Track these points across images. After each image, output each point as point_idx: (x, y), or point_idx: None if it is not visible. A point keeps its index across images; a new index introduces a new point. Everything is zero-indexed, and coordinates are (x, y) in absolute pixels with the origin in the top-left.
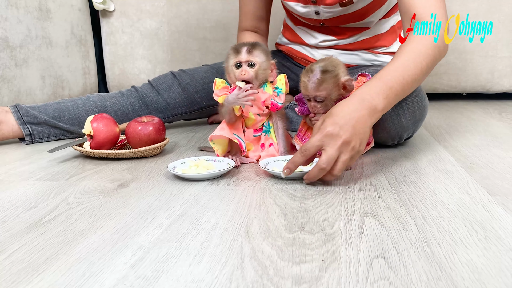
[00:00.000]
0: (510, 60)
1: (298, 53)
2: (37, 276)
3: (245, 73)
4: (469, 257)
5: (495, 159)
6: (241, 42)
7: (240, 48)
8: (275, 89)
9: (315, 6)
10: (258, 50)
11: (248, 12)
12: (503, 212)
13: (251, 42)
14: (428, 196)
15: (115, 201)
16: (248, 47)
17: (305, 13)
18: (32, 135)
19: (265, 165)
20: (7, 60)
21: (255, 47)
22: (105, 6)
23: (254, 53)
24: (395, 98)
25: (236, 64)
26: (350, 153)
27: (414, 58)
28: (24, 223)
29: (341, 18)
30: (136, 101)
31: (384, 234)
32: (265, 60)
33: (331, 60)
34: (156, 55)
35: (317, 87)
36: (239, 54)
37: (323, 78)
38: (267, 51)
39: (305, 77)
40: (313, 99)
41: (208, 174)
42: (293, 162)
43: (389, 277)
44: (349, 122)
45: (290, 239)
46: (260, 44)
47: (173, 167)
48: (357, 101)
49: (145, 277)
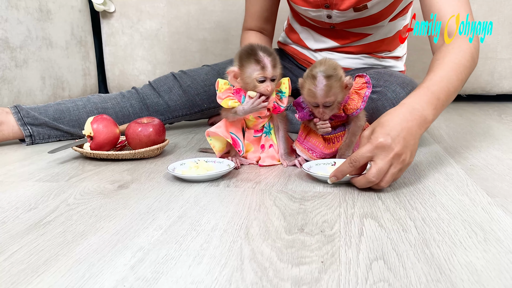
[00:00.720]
0: (509, 62)
1: (301, 54)
2: (37, 278)
3: (270, 89)
4: (468, 259)
5: (494, 161)
6: (257, 48)
7: (265, 62)
8: (278, 92)
9: (328, 10)
10: (279, 63)
11: (255, 13)
12: (503, 214)
13: (269, 51)
14: (428, 197)
15: (115, 202)
16: (272, 60)
17: (316, 16)
18: (32, 136)
19: (308, 168)
20: (7, 61)
21: (277, 60)
22: (105, 7)
23: (277, 67)
24: (441, 108)
25: (260, 78)
26: (400, 166)
27: (456, 70)
28: (24, 224)
29: (353, 22)
30: (137, 103)
31: (384, 236)
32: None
33: (329, 63)
34: (156, 56)
35: (326, 94)
36: (265, 69)
37: (329, 84)
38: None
39: (311, 85)
40: (321, 105)
41: (207, 176)
42: (340, 172)
43: (388, 279)
44: (401, 134)
45: (289, 240)
46: (276, 54)
47: (173, 168)
48: (407, 111)
49: (145, 278)
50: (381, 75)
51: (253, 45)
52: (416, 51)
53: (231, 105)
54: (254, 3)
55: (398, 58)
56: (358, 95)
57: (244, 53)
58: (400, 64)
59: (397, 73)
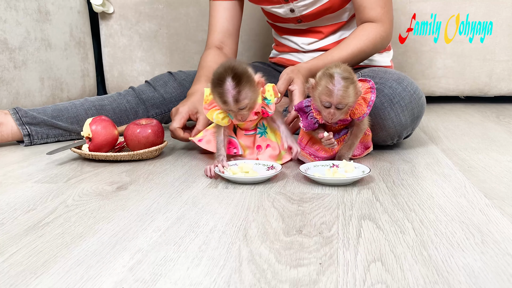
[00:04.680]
0: (508, 63)
1: (288, 61)
2: (35, 279)
3: (241, 118)
4: (466, 261)
5: (492, 162)
6: (220, 76)
7: (226, 98)
8: (264, 99)
9: (288, 4)
10: (243, 91)
11: (216, 24)
12: (500, 216)
13: (232, 78)
14: (426, 199)
15: (113, 203)
16: (234, 95)
17: (283, 13)
18: (30, 135)
19: (306, 170)
20: (6, 62)
21: (240, 90)
22: (104, 8)
23: (241, 98)
24: None
25: (228, 112)
26: None
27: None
28: (22, 225)
29: (315, 10)
30: (133, 98)
31: (382, 238)
32: (252, 92)
33: (344, 66)
34: (155, 58)
35: (343, 95)
36: (227, 105)
37: (346, 85)
38: (248, 76)
39: (329, 84)
40: (334, 106)
41: (260, 178)
42: None
43: (386, 280)
44: None
45: (288, 242)
46: (240, 77)
47: (218, 171)
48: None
49: (143, 280)
50: (376, 72)
51: (222, 74)
52: (414, 53)
53: (215, 118)
54: (216, 14)
55: (380, 52)
56: (364, 100)
57: (212, 81)
58: (385, 59)
59: (391, 70)
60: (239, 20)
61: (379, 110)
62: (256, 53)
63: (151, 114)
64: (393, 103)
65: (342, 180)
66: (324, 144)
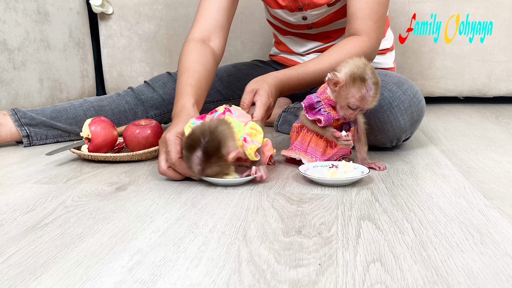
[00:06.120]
0: (506, 64)
1: (290, 60)
2: (35, 280)
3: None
4: (465, 261)
5: (491, 163)
6: (192, 142)
7: (192, 166)
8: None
9: (301, 12)
10: (210, 168)
11: (206, 13)
12: (499, 217)
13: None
14: (425, 200)
15: (112, 204)
16: (199, 169)
17: (294, 21)
18: (29, 136)
19: (305, 170)
20: (5, 62)
21: (206, 167)
22: (104, 9)
23: (207, 171)
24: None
25: None
26: None
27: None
28: (22, 226)
29: (327, 17)
30: (132, 99)
31: (381, 238)
32: (220, 167)
33: (369, 67)
34: (154, 58)
35: (373, 101)
36: (192, 171)
37: (376, 91)
38: (220, 156)
39: (363, 89)
40: (358, 109)
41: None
42: None
43: (385, 281)
44: None
45: (287, 243)
46: (210, 155)
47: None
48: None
49: (143, 281)
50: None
51: (195, 142)
52: (414, 53)
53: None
54: (207, 3)
55: (383, 53)
56: None
57: (184, 141)
58: (387, 61)
59: (391, 72)
60: (232, 14)
61: (378, 113)
62: (256, 53)
63: (150, 114)
64: (392, 106)
65: (341, 180)
66: (341, 144)
